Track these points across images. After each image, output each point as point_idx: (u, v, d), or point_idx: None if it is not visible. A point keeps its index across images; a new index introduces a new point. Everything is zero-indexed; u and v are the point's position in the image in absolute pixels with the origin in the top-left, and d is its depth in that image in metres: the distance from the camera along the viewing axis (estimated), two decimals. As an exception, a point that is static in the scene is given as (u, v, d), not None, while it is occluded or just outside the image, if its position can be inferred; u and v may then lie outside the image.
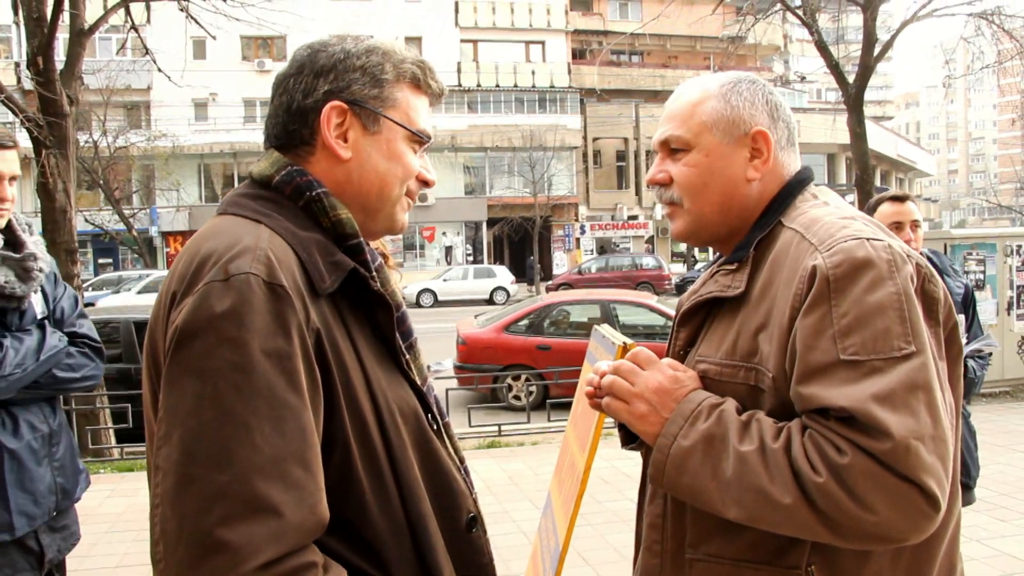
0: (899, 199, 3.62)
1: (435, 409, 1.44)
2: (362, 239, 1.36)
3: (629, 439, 1.75)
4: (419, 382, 1.41)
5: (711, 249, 1.70)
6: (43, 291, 2.77)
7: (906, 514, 1.19)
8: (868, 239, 1.31)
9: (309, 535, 1.14)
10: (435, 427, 1.41)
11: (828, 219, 1.40)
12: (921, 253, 3.58)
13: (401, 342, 1.39)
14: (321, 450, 1.19)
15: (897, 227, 3.54)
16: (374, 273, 1.36)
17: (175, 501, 1.09)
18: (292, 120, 1.37)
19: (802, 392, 1.28)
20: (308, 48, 1.41)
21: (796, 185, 1.54)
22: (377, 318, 1.35)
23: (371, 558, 1.26)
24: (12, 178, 2.63)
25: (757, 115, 1.53)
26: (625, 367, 1.46)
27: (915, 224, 3.55)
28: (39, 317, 2.72)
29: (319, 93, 1.35)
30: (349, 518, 1.24)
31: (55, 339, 2.71)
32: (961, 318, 3.56)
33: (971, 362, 3.47)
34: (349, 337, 1.29)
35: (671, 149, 1.57)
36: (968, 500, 3.60)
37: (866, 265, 1.28)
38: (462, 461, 1.49)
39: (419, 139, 1.43)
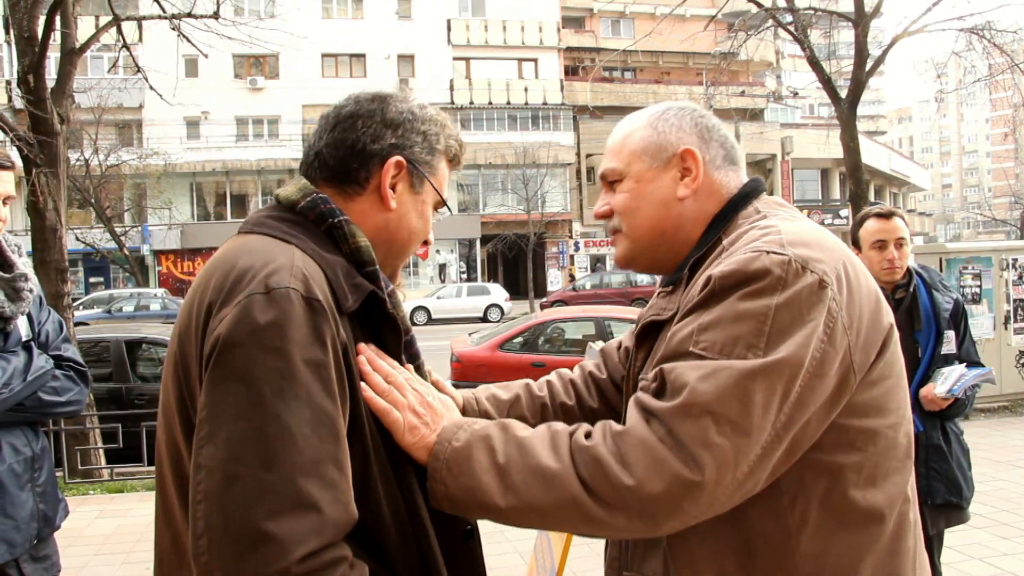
0: (885, 216, 3.54)
1: None
2: (378, 267, 1.44)
3: None
4: None
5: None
6: (28, 314, 2.73)
7: (665, 483, 1.20)
8: (768, 252, 1.31)
9: (343, 530, 1.21)
10: None
11: (752, 232, 1.42)
12: (909, 268, 3.57)
13: (409, 364, 1.50)
14: None
15: (881, 245, 3.49)
16: (387, 297, 1.43)
17: (222, 497, 1.16)
18: (354, 159, 1.45)
19: (643, 375, 1.36)
20: (379, 97, 1.50)
21: (740, 200, 1.56)
22: (385, 340, 1.44)
23: (384, 563, 1.33)
24: (6, 199, 2.61)
25: (685, 137, 1.57)
26: (398, 379, 1.44)
27: (900, 241, 3.48)
28: (24, 340, 2.67)
29: (386, 143, 1.46)
30: (367, 523, 1.30)
31: (42, 361, 2.67)
32: (950, 334, 3.52)
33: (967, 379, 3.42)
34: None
35: (609, 183, 1.64)
36: (961, 519, 3.56)
37: (752, 277, 1.29)
38: None
39: (441, 205, 1.58)
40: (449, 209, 1.61)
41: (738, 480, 1.23)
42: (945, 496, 3.43)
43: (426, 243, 1.59)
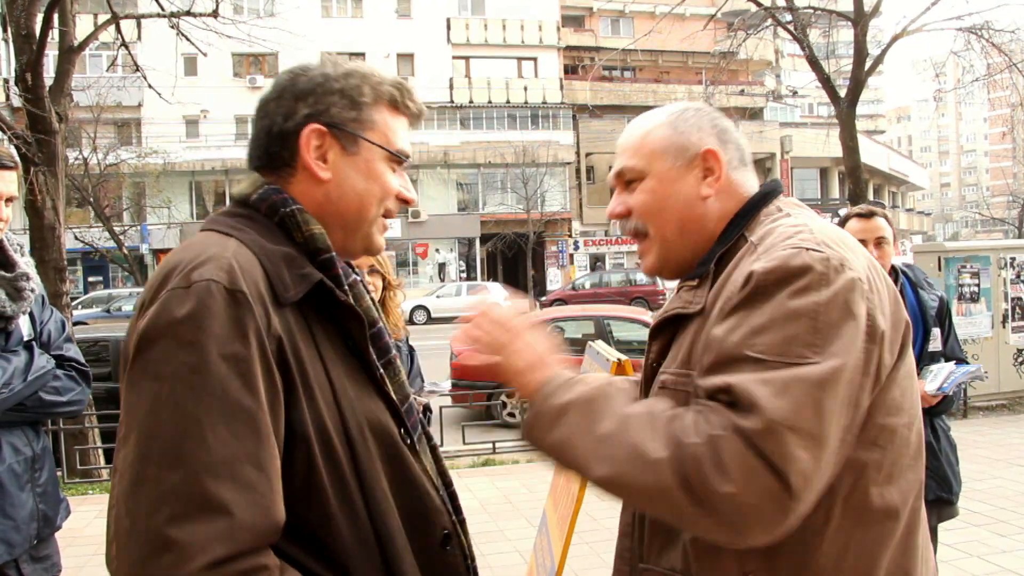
0: (865, 216, 3.57)
1: (409, 425, 1.45)
2: (334, 254, 1.39)
3: None
4: (396, 398, 1.42)
5: None
6: (30, 314, 2.73)
7: (759, 497, 1.19)
8: (808, 248, 1.33)
9: (263, 537, 1.15)
10: (408, 442, 1.42)
11: (781, 229, 1.44)
12: (895, 267, 3.58)
13: (376, 358, 1.42)
14: (283, 455, 1.21)
15: (862, 244, 3.50)
16: (346, 287, 1.39)
17: (128, 501, 1.12)
18: (273, 143, 1.41)
19: (701, 383, 1.32)
20: (289, 72, 1.45)
21: (760, 199, 1.57)
22: (350, 331, 1.37)
23: (335, 569, 1.27)
24: (9, 199, 2.61)
25: (705, 137, 1.58)
26: (516, 323, 1.53)
27: (879, 240, 3.49)
28: (25, 339, 2.67)
29: (299, 116, 1.39)
30: (313, 527, 1.25)
31: (43, 360, 2.67)
32: (936, 331, 3.56)
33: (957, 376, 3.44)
34: (316, 347, 1.31)
35: (626, 182, 1.63)
36: (951, 514, 3.59)
37: (797, 273, 1.30)
38: (445, 478, 1.54)
39: (397, 159, 1.47)
40: (405, 156, 1.49)
41: (816, 490, 1.23)
42: (936, 492, 3.46)
43: (405, 201, 1.50)
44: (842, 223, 3.64)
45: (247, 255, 1.28)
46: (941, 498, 3.48)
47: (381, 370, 1.42)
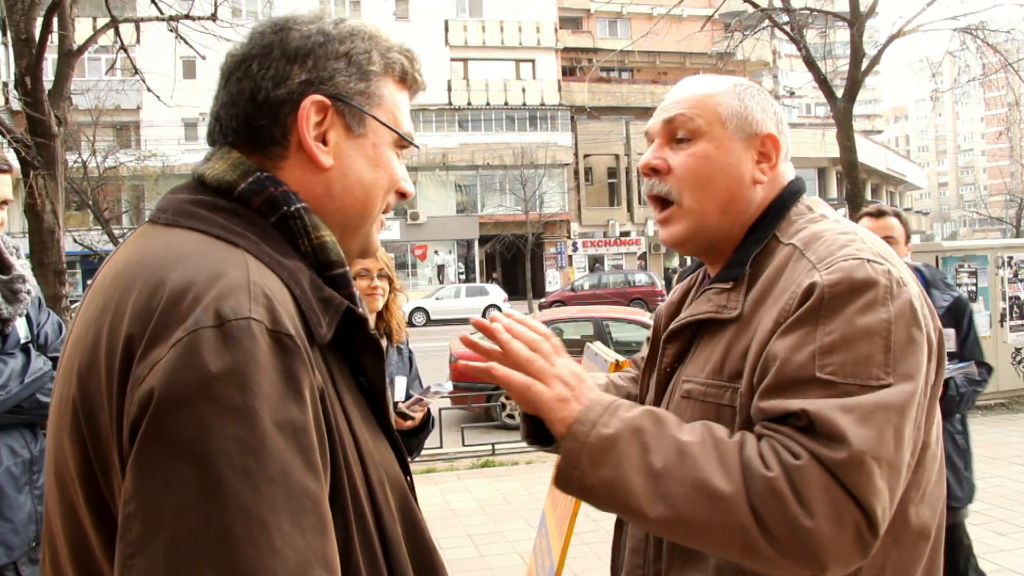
0: (874, 215, 3.60)
1: (409, 469, 1.22)
2: (347, 268, 1.12)
3: (536, 436, 1.58)
4: (396, 436, 1.19)
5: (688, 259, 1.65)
6: (28, 316, 2.73)
7: (843, 530, 1.13)
8: (868, 260, 1.26)
9: None
10: (413, 491, 1.20)
11: (829, 235, 1.35)
12: (912, 266, 3.59)
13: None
14: None
15: None
16: (364, 310, 1.12)
17: None
18: (259, 114, 1.09)
19: (764, 405, 1.23)
20: (273, 24, 1.13)
21: (789, 196, 1.48)
22: (364, 366, 1.11)
23: None
24: (3, 202, 2.62)
25: (768, 120, 1.47)
26: (546, 347, 1.34)
27: (888, 240, 3.46)
28: (22, 341, 2.67)
29: (294, 83, 1.09)
30: None
31: (40, 362, 2.66)
32: (950, 332, 3.53)
33: (958, 378, 3.43)
34: (337, 393, 1.03)
35: (675, 138, 1.46)
36: (953, 519, 3.55)
37: (863, 287, 1.22)
38: None
39: (405, 144, 1.20)
40: (415, 145, 1.23)
41: (890, 515, 1.18)
42: None
43: (403, 195, 1.21)
44: (856, 222, 3.66)
45: (271, 278, 0.98)
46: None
47: (391, 409, 1.19)
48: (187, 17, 8.89)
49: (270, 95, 1.09)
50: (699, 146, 1.43)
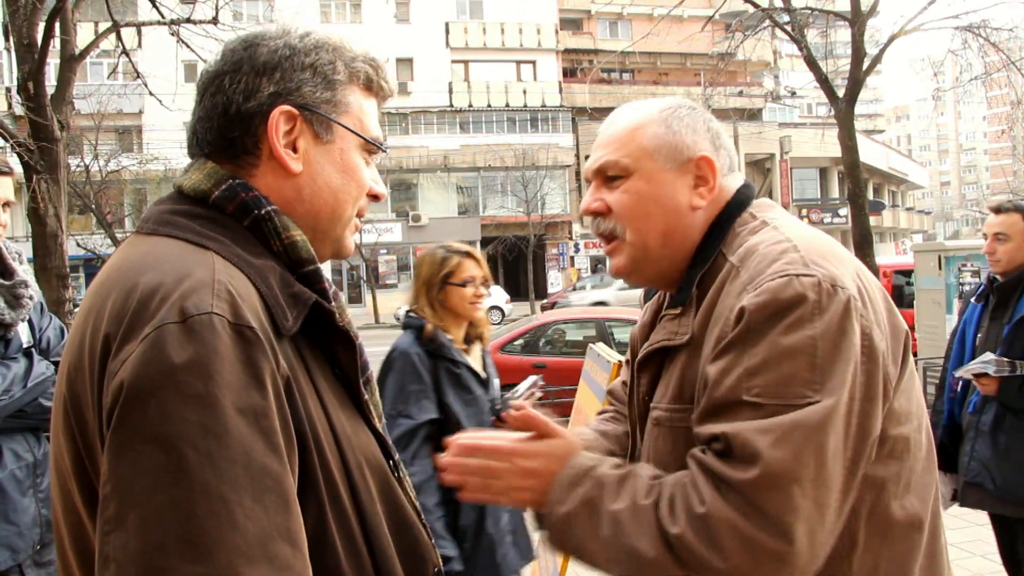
0: (993, 210, 3.65)
1: (395, 455, 1.30)
2: (319, 264, 1.20)
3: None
4: (377, 424, 1.27)
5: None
6: (30, 320, 2.74)
7: (760, 562, 1.17)
8: (797, 275, 1.25)
9: None
10: (396, 475, 1.27)
11: (762, 248, 1.34)
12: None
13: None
14: None
15: (984, 236, 3.64)
16: (335, 305, 1.20)
17: None
18: (231, 126, 1.18)
19: (698, 430, 1.28)
20: (243, 41, 1.21)
21: (735, 208, 1.47)
22: (338, 356, 1.19)
23: None
24: (5, 204, 2.63)
25: (700, 141, 1.46)
26: (495, 463, 1.42)
27: (998, 236, 3.53)
28: (25, 346, 2.68)
29: (263, 95, 1.17)
30: None
31: (42, 367, 2.67)
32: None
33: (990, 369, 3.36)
34: (311, 381, 1.12)
35: (607, 177, 1.49)
36: (985, 505, 3.56)
37: (789, 306, 1.23)
38: (417, 506, 1.34)
39: (373, 148, 1.27)
40: (383, 149, 1.29)
41: (827, 531, 1.21)
42: (974, 477, 3.47)
43: (375, 197, 1.29)
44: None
45: (238, 275, 1.06)
46: (979, 484, 3.47)
47: (367, 396, 1.25)
48: (188, 21, 8.90)
49: (241, 108, 1.17)
50: (630, 183, 1.46)
